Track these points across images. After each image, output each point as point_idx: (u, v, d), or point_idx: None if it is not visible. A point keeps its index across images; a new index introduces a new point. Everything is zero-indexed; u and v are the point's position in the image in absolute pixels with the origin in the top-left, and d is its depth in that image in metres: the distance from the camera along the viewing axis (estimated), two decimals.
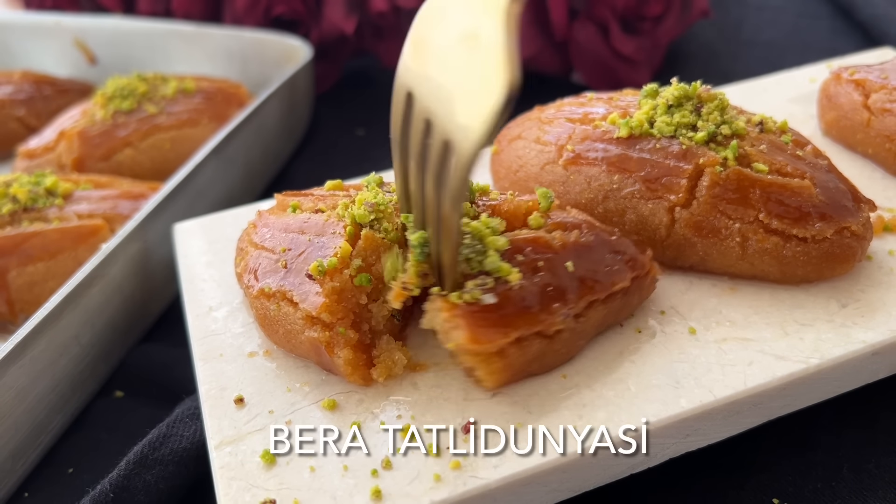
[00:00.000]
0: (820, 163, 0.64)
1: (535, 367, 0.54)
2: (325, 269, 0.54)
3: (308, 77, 1.08)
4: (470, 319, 0.50)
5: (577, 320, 0.54)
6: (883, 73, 0.75)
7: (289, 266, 0.57)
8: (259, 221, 0.64)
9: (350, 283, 0.55)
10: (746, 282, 0.62)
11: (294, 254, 0.57)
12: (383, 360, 0.55)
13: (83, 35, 1.20)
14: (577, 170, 0.65)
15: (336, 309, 0.54)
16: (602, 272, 0.56)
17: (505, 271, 0.52)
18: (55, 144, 0.95)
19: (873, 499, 0.57)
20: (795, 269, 0.60)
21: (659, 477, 0.58)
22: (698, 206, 0.60)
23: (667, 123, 0.64)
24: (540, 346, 0.52)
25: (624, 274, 0.57)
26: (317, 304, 0.53)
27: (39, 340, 0.64)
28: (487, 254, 0.53)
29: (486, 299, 0.51)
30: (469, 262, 0.52)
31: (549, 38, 1.09)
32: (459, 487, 0.49)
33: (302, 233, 0.59)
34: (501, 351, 0.51)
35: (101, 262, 0.70)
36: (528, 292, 0.52)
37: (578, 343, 0.56)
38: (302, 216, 0.61)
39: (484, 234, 0.54)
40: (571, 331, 0.54)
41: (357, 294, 0.55)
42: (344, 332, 0.54)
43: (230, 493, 0.50)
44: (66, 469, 0.67)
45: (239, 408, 0.55)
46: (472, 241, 0.53)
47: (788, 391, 0.55)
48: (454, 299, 0.51)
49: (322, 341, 0.53)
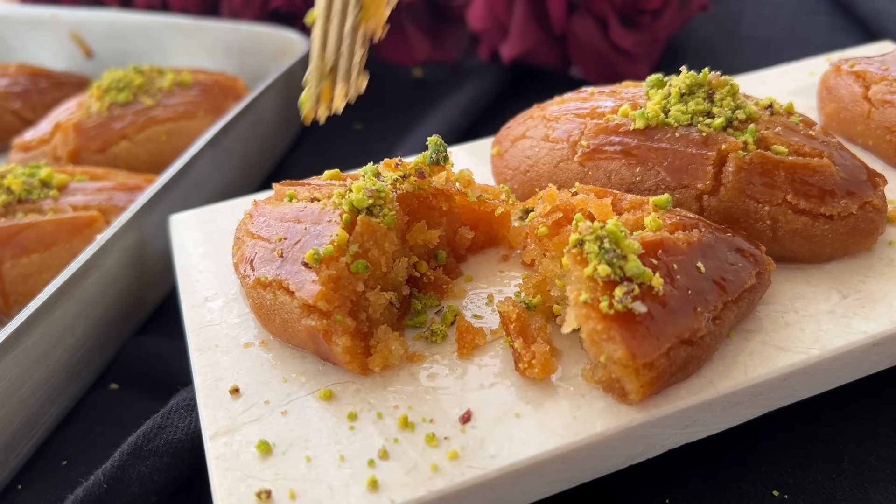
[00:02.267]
0: (832, 141, 0.64)
1: (679, 376, 0.51)
2: (321, 257, 0.53)
3: (305, 70, 1.07)
4: (626, 332, 0.48)
5: (715, 323, 0.52)
6: (883, 64, 0.75)
7: (285, 255, 0.56)
8: (255, 211, 0.63)
9: (347, 270, 0.54)
10: None
11: (290, 243, 0.57)
12: (380, 349, 0.55)
13: (80, 28, 1.19)
14: (595, 165, 0.64)
15: (333, 297, 0.53)
16: (730, 270, 0.54)
17: (647, 277, 0.50)
18: (51, 137, 0.94)
19: (874, 491, 0.56)
20: (824, 247, 0.60)
21: (658, 468, 0.57)
22: (726, 193, 0.60)
23: (682, 112, 0.63)
24: (686, 353, 0.50)
25: (749, 271, 0.55)
26: (313, 293, 0.53)
27: (33, 331, 0.64)
28: (628, 258, 0.50)
29: (638, 308, 0.48)
30: (611, 266, 0.50)
31: (547, 32, 1.09)
32: (457, 478, 0.48)
33: (298, 221, 0.58)
34: (652, 363, 0.49)
35: (95, 253, 0.69)
36: (673, 298, 0.50)
37: (715, 347, 0.53)
38: (298, 205, 0.60)
39: (619, 238, 0.51)
40: (712, 335, 0.52)
41: (353, 281, 0.54)
42: (341, 319, 0.53)
43: (225, 484, 0.49)
44: (60, 461, 0.66)
45: (234, 398, 0.55)
46: (610, 245, 0.50)
47: (789, 382, 0.54)
48: (605, 310, 0.48)
49: (320, 329, 0.53)
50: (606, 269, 0.49)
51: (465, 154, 0.80)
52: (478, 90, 1.09)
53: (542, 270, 0.57)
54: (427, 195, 0.61)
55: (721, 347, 0.55)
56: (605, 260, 0.50)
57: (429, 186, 0.60)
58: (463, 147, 0.82)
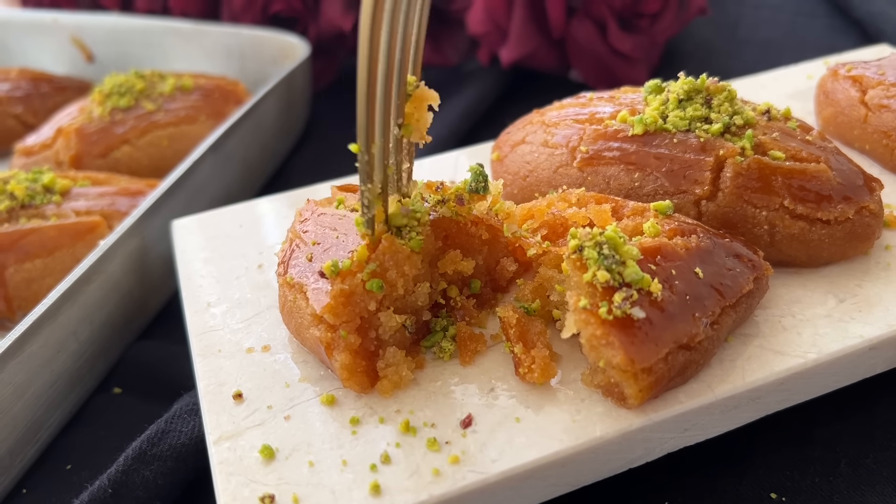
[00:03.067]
0: (829, 146, 0.65)
1: (678, 380, 0.52)
2: (338, 270, 0.53)
3: (306, 74, 1.08)
4: (625, 338, 0.48)
5: (713, 328, 0.53)
6: (880, 69, 0.75)
7: (314, 260, 0.56)
8: (305, 210, 0.63)
9: (362, 287, 0.53)
10: None
11: (321, 249, 0.57)
12: (390, 375, 0.54)
13: (81, 33, 1.20)
14: (594, 170, 0.65)
15: (341, 311, 0.52)
16: (728, 276, 0.54)
17: (646, 283, 0.50)
18: (53, 142, 0.95)
19: (871, 493, 0.57)
20: (821, 251, 0.61)
21: (657, 471, 0.58)
22: (724, 198, 0.61)
23: (680, 118, 0.64)
24: (684, 358, 0.51)
25: (747, 276, 0.55)
26: (322, 304, 0.53)
27: (37, 337, 0.64)
28: (627, 264, 0.51)
29: (637, 313, 0.49)
30: (610, 272, 0.50)
31: (546, 35, 1.09)
32: (458, 482, 0.49)
33: (333, 229, 0.58)
34: (650, 367, 0.49)
35: (99, 259, 0.70)
36: (672, 303, 0.51)
37: (713, 352, 0.54)
38: (340, 212, 0.60)
39: (618, 244, 0.51)
40: (710, 339, 0.52)
41: (366, 299, 0.53)
42: (345, 335, 0.52)
43: (229, 489, 0.50)
44: (64, 465, 0.67)
45: (238, 403, 0.55)
46: (609, 251, 0.51)
47: (786, 386, 0.55)
48: (604, 315, 0.49)
49: (323, 342, 0.53)
50: (605, 275, 0.50)
51: (465, 158, 0.81)
52: (477, 94, 1.10)
53: (541, 275, 0.57)
54: (466, 222, 0.59)
55: (719, 352, 0.55)
56: (604, 266, 0.50)
57: (468, 214, 0.59)
58: (463, 151, 0.82)
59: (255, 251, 0.70)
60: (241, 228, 0.74)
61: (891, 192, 0.69)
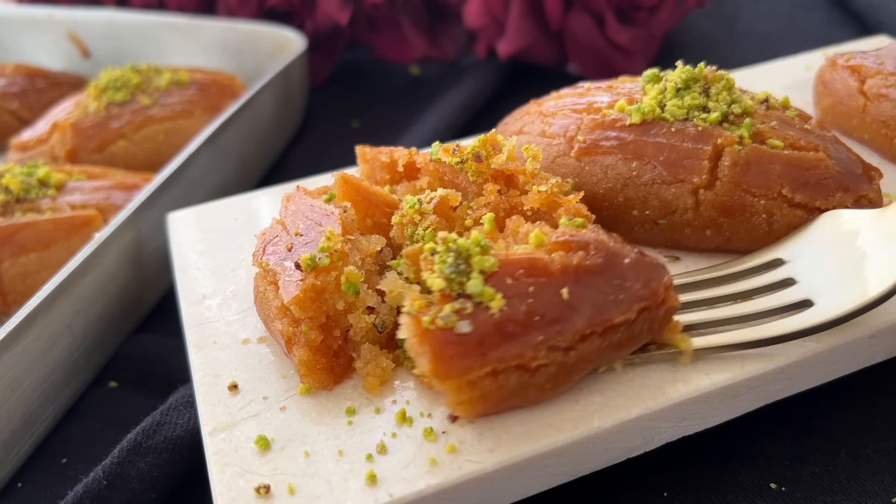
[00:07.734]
0: (827, 135, 0.64)
1: (518, 401, 0.50)
2: (314, 265, 0.53)
3: (302, 68, 1.07)
4: (438, 348, 0.47)
5: (566, 354, 0.49)
6: (878, 58, 0.75)
7: (293, 250, 0.56)
8: (292, 197, 0.62)
9: (335, 285, 0.53)
10: None
11: (303, 240, 0.57)
12: (371, 371, 0.54)
13: (76, 28, 1.19)
14: (592, 160, 0.65)
15: (308, 306, 0.52)
16: (602, 302, 0.50)
17: (488, 296, 0.48)
18: (48, 136, 0.94)
19: (871, 483, 0.57)
20: None
21: (656, 461, 0.57)
22: (722, 187, 0.60)
23: (678, 106, 0.63)
24: (520, 379, 0.48)
25: (629, 305, 0.50)
26: (291, 295, 0.52)
27: (32, 329, 0.64)
28: (472, 275, 0.49)
29: (461, 327, 0.47)
30: (450, 282, 0.49)
31: (543, 28, 1.09)
32: (455, 472, 0.48)
33: (318, 224, 0.58)
34: (473, 382, 0.47)
35: (94, 252, 0.69)
36: (510, 321, 0.48)
37: (569, 378, 0.50)
38: (328, 207, 0.60)
39: (472, 253, 0.50)
40: (559, 365, 0.49)
41: (336, 298, 0.53)
42: (307, 331, 0.52)
43: (224, 479, 0.49)
44: (59, 459, 0.66)
45: (233, 394, 0.55)
46: (456, 260, 0.49)
47: (786, 375, 0.54)
48: (426, 324, 0.47)
49: (284, 335, 0.53)
50: (441, 283, 0.48)
51: None
52: (475, 87, 1.10)
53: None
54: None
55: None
56: (444, 274, 0.49)
57: (488, 169, 0.60)
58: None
59: (251, 244, 0.70)
60: (236, 221, 0.73)
61: (890, 182, 0.69)
